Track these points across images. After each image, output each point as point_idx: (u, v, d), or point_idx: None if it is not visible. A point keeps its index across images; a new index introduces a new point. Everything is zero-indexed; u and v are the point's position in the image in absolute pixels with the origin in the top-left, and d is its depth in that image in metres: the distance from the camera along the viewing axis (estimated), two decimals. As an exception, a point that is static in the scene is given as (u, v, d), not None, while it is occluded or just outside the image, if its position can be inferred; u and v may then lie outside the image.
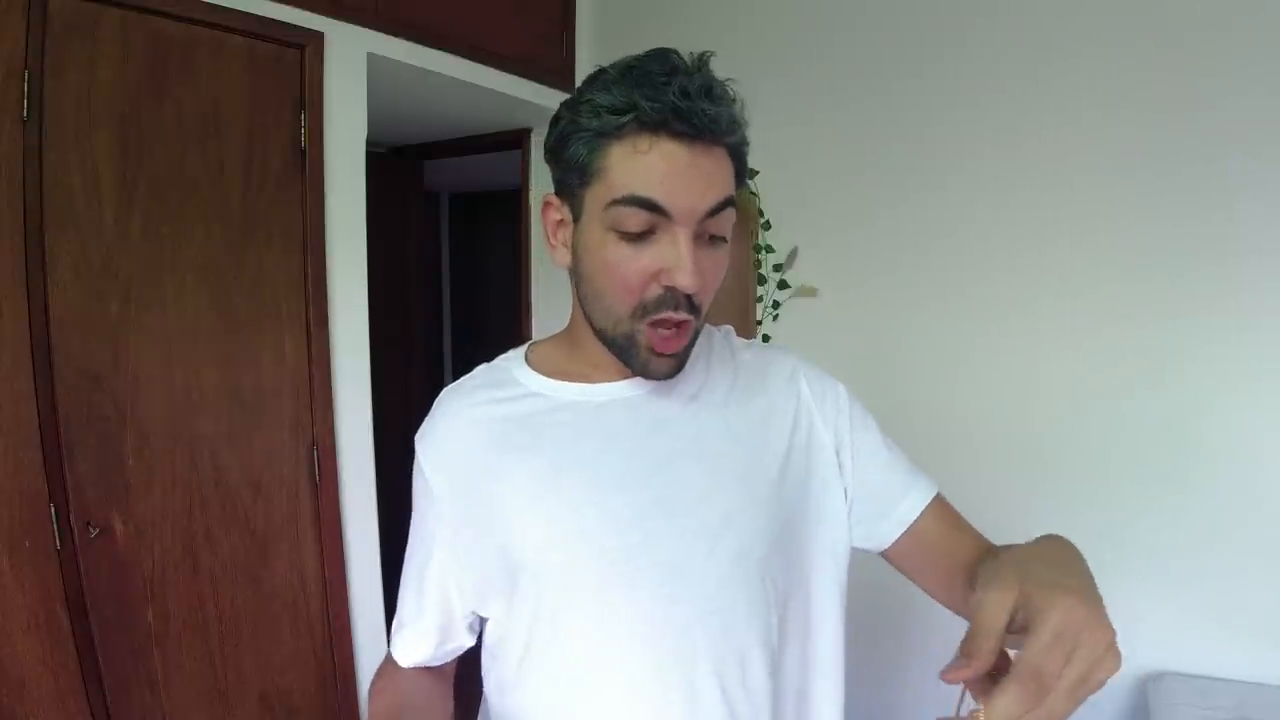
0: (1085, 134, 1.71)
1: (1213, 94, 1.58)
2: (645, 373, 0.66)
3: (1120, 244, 1.69)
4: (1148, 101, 1.64)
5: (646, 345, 0.64)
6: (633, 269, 0.61)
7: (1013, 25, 1.79)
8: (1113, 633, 0.43)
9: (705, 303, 0.66)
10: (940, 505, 0.74)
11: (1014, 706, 0.40)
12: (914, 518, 0.72)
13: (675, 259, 0.60)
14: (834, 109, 2.04)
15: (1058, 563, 0.49)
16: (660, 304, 0.62)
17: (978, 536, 0.72)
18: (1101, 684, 0.42)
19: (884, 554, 0.75)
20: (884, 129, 1.97)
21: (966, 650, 0.43)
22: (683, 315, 0.62)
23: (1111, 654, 0.42)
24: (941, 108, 1.89)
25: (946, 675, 0.42)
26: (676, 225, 0.60)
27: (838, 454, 0.73)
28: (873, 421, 0.77)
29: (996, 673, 0.43)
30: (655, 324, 0.63)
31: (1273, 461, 1.56)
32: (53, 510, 1.36)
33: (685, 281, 0.60)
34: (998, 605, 0.43)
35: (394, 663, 0.77)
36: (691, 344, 0.67)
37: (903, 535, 0.73)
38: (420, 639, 0.75)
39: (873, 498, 0.73)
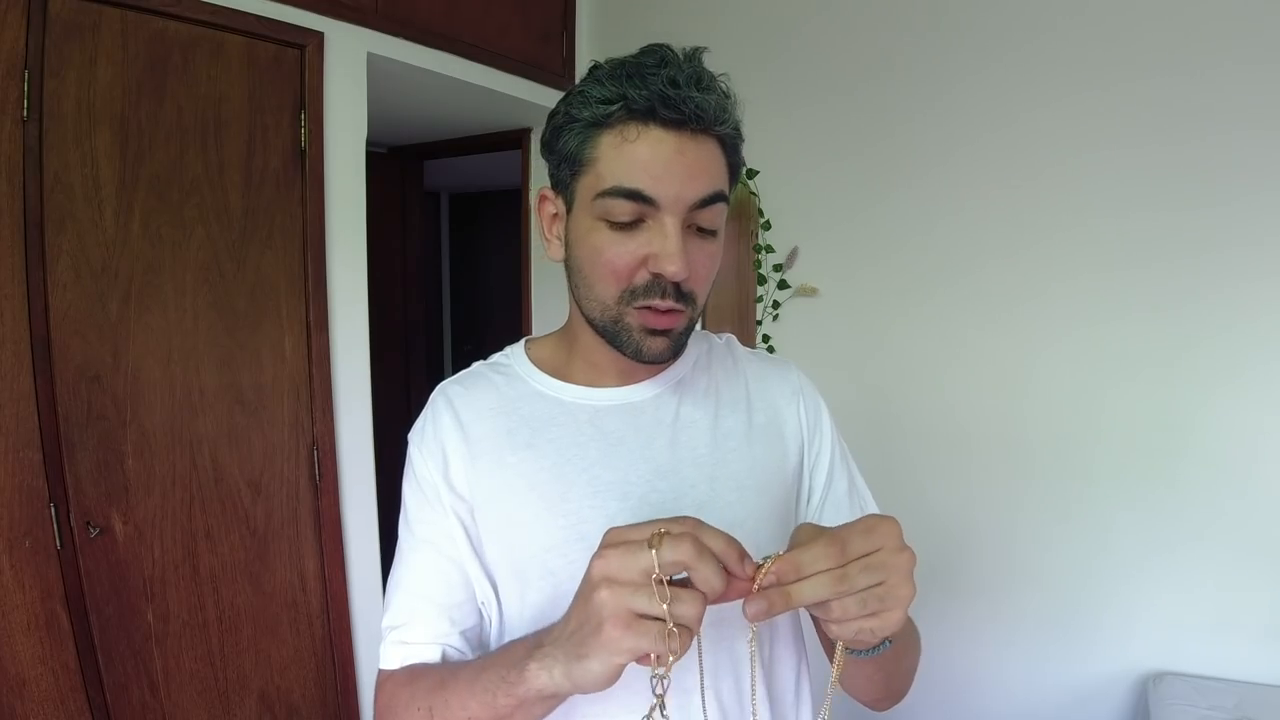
0: (1083, 134, 1.71)
1: (1208, 89, 1.58)
2: (639, 355, 0.64)
3: (1118, 243, 1.70)
4: (1141, 96, 1.64)
5: (639, 325, 0.63)
6: (621, 255, 0.61)
7: (1012, 25, 1.79)
8: (913, 559, 0.46)
9: (699, 294, 0.64)
10: None
11: (816, 560, 0.44)
12: None
13: (662, 245, 0.59)
14: (835, 109, 2.04)
15: None
16: (648, 290, 0.61)
17: None
18: (894, 600, 0.45)
19: None
20: (885, 129, 1.98)
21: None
22: (670, 304, 0.61)
23: (906, 557, 0.45)
24: (942, 108, 1.89)
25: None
26: (664, 213, 0.59)
27: (809, 497, 0.74)
28: (849, 458, 0.77)
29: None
30: (643, 309, 0.62)
31: (1271, 460, 1.56)
32: (53, 510, 1.36)
33: (672, 268, 0.59)
34: (814, 529, 0.48)
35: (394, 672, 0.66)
36: (687, 331, 0.66)
37: None
38: (431, 621, 0.66)
39: None
